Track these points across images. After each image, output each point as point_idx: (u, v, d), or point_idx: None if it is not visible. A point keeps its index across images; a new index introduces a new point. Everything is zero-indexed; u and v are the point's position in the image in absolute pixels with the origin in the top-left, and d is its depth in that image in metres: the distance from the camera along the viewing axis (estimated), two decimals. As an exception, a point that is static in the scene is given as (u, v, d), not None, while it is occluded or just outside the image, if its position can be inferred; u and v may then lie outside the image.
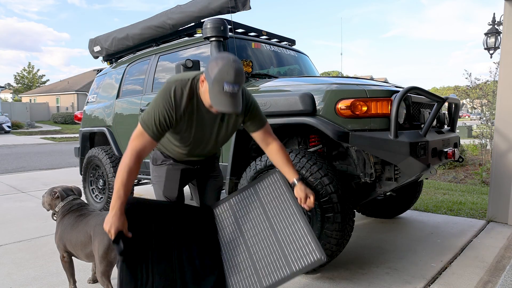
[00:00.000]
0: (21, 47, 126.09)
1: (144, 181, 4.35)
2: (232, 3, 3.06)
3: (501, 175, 3.67)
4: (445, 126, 3.10)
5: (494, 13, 8.05)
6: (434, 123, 2.81)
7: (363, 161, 2.48)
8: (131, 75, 4.06)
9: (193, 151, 1.97)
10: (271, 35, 3.88)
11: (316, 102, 2.38)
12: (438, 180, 6.21)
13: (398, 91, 2.29)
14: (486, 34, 8.13)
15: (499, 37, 7.87)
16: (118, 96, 4.15)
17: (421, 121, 2.61)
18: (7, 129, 21.25)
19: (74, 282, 2.22)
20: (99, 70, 5.00)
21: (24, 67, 49.20)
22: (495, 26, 7.98)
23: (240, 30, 3.63)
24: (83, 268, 2.62)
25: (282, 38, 4.03)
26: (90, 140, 4.75)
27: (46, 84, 43.47)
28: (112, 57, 4.57)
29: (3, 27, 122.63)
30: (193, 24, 3.59)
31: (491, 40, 8.09)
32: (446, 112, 3.17)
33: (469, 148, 8.75)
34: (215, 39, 3.07)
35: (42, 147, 13.73)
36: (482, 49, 8.76)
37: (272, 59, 3.57)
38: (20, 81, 43.12)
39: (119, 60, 4.44)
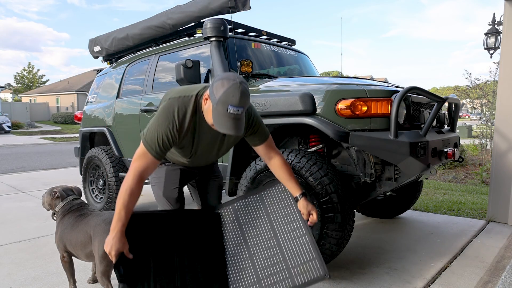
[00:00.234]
0: (21, 47, 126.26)
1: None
2: (232, 3, 3.06)
3: (501, 175, 3.67)
4: (445, 126, 3.10)
5: (494, 13, 8.06)
6: (434, 123, 2.81)
7: (363, 161, 2.48)
8: (131, 75, 4.06)
9: (194, 162, 1.97)
10: (271, 35, 3.87)
11: (316, 102, 2.38)
12: (438, 180, 6.21)
13: (398, 91, 2.29)
14: (486, 34, 8.13)
15: (499, 37, 7.87)
16: (118, 96, 4.15)
17: (421, 121, 2.61)
18: (7, 129, 21.25)
19: (74, 282, 2.22)
20: (99, 70, 5.00)
21: (24, 67, 49.26)
22: (495, 26, 7.98)
23: (240, 30, 3.64)
24: (83, 268, 2.62)
25: (282, 38, 4.03)
26: (90, 140, 4.75)
27: (46, 84, 43.48)
28: (112, 57, 4.57)
29: (3, 27, 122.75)
30: (193, 24, 3.59)
31: (491, 40, 8.10)
32: (446, 112, 3.17)
33: (469, 148, 8.75)
34: (215, 39, 3.07)
35: (42, 147, 13.73)
36: (482, 49, 8.76)
37: (272, 59, 3.57)
38: (20, 81, 43.12)
39: (119, 60, 4.44)
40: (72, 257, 2.19)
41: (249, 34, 3.69)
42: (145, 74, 3.82)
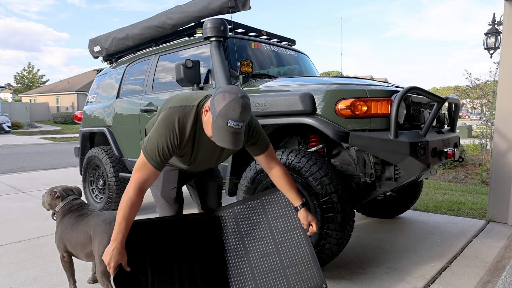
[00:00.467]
0: (21, 47, 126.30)
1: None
2: (232, 3, 3.06)
3: (501, 175, 3.67)
4: (445, 126, 3.10)
5: (494, 13, 8.06)
6: (434, 123, 2.81)
7: (363, 161, 2.48)
8: (131, 75, 4.06)
9: (194, 168, 1.97)
10: (271, 35, 3.88)
11: (316, 102, 2.38)
12: (438, 180, 6.21)
13: (398, 91, 2.29)
14: (486, 34, 8.13)
15: (499, 37, 7.87)
16: (118, 96, 4.15)
17: (421, 121, 2.61)
18: (7, 129, 21.25)
19: (74, 282, 2.22)
20: (99, 70, 5.00)
21: (24, 67, 49.28)
22: (495, 26, 7.98)
23: (240, 30, 3.64)
24: (83, 268, 2.62)
25: (282, 38, 4.03)
26: (90, 140, 4.75)
27: (46, 84, 43.50)
28: (112, 57, 4.57)
29: (3, 27, 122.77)
30: (193, 24, 3.59)
31: (491, 40, 8.10)
32: (446, 112, 3.17)
33: (469, 148, 8.75)
34: (215, 39, 3.07)
35: (42, 147, 13.73)
36: (482, 49, 8.77)
37: (272, 59, 3.57)
38: (20, 81, 43.14)
39: (119, 60, 4.44)
40: (72, 257, 2.19)
41: (249, 34, 3.69)
42: (145, 74, 3.82)
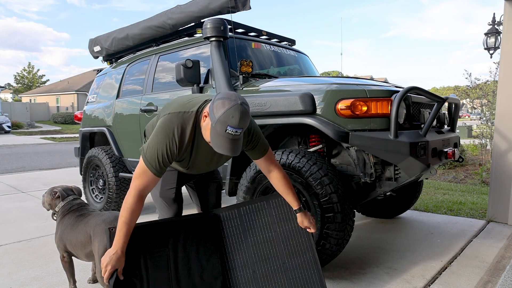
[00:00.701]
0: (21, 47, 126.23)
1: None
2: (232, 3, 3.06)
3: (501, 175, 3.67)
4: (445, 126, 3.10)
5: (494, 13, 8.06)
6: (434, 123, 2.81)
7: (363, 161, 2.48)
8: (131, 75, 4.06)
9: (193, 171, 1.97)
10: (271, 35, 3.88)
11: (316, 102, 2.38)
12: (438, 180, 6.21)
13: (398, 91, 2.29)
14: (486, 34, 8.13)
15: (499, 37, 7.87)
16: (118, 96, 4.15)
17: (421, 121, 2.61)
18: (7, 129, 21.25)
19: (74, 282, 2.22)
20: (99, 70, 5.00)
21: (24, 67, 49.29)
22: (495, 26, 7.98)
23: (240, 30, 3.64)
24: (83, 268, 2.62)
25: (282, 38, 4.03)
26: (90, 140, 4.75)
27: (46, 84, 43.50)
28: (112, 57, 4.57)
29: (3, 27, 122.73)
30: (193, 24, 3.59)
31: (491, 40, 8.10)
32: (446, 112, 3.17)
33: (469, 148, 8.75)
34: (215, 39, 3.07)
35: (42, 147, 13.73)
36: (482, 49, 8.77)
37: (272, 59, 3.57)
38: (20, 81, 43.14)
39: (119, 60, 4.44)
40: (72, 257, 2.19)
41: (249, 34, 3.69)
42: (145, 74, 3.82)
